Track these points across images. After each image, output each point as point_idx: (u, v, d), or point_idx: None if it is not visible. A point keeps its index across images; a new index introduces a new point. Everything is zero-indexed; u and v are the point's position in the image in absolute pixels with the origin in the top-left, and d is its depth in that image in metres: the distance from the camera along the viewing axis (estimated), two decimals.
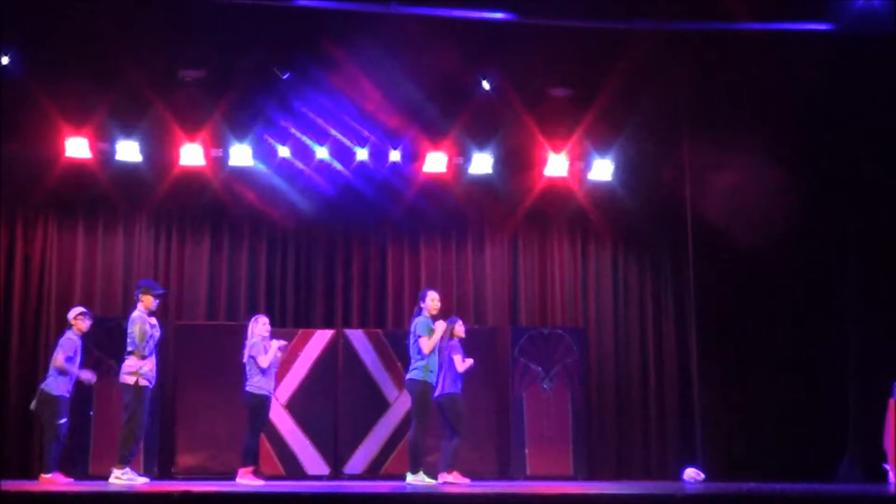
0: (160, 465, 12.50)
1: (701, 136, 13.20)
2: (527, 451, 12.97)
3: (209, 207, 13.67)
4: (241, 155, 13.04)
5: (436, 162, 13.39)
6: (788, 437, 13.30)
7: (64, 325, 13.05)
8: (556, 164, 13.53)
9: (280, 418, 12.65)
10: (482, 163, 13.48)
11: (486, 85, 12.73)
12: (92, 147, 12.84)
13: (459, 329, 11.29)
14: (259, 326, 11.17)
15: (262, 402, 10.97)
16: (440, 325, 10.87)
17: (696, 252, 13.59)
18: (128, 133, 12.86)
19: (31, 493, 8.23)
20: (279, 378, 12.54)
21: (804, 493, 8.23)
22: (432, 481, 10.48)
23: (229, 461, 11.70)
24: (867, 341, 12.82)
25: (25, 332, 13.00)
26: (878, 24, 11.26)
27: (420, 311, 10.97)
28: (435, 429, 11.42)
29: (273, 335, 11.46)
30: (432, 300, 11.00)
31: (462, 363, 11.06)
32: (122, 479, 10.28)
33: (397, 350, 13.07)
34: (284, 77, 12.41)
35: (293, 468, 12.57)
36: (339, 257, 13.93)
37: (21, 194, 13.03)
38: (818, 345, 13.44)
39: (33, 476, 11.78)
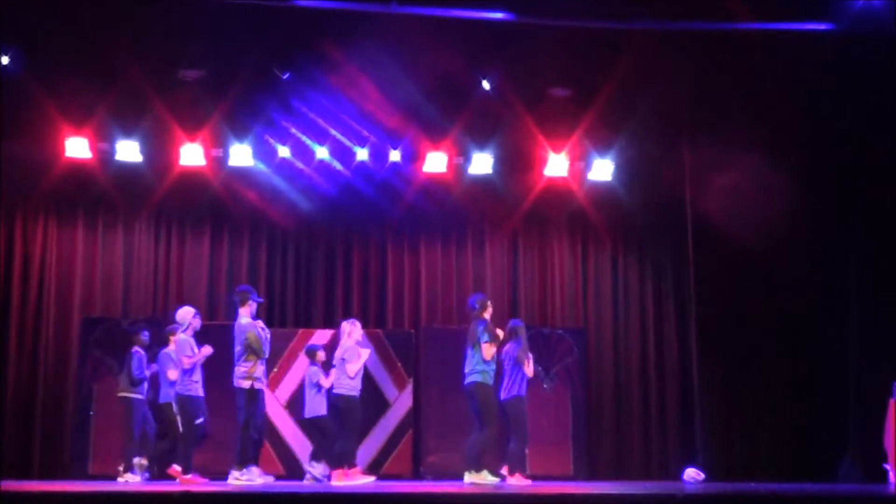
0: (160, 466, 12.48)
1: (701, 136, 13.20)
2: (527, 451, 12.95)
3: (209, 207, 13.68)
4: (241, 155, 13.05)
5: (436, 162, 13.39)
6: (788, 437, 13.31)
7: (62, 325, 13.13)
8: (556, 164, 13.53)
9: (280, 418, 12.66)
10: (482, 163, 13.48)
11: (486, 85, 12.72)
12: (92, 147, 12.85)
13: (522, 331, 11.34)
14: (357, 331, 11.14)
15: (354, 403, 10.93)
16: (501, 333, 10.84)
17: (696, 252, 13.59)
18: (128, 133, 12.87)
19: (31, 493, 8.23)
20: (279, 378, 12.57)
21: (804, 493, 8.22)
22: (495, 479, 10.46)
23: (229, 461, 11.68)
24: (867, 341, 12.81)
25: (25, 332, 13.01)
26: (878, 24, 11.25)
27: (480, 316, 10.82)
28: (435, 427, 11.43)
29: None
30: (485, 304, 10.90)
31: (531, 369, 11.05)
32: (242, 479, 10.33)
33: (397, 350, 13.09)
34: (284, 77, 12.42)
35: (293, 468, 12.56)
36: (339, 257, 13.94)
37: (21, 194, 13.05)
38: (818, 345, 13.44)
39: (32, 476, 11.82)
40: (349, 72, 12.26)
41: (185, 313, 11.24)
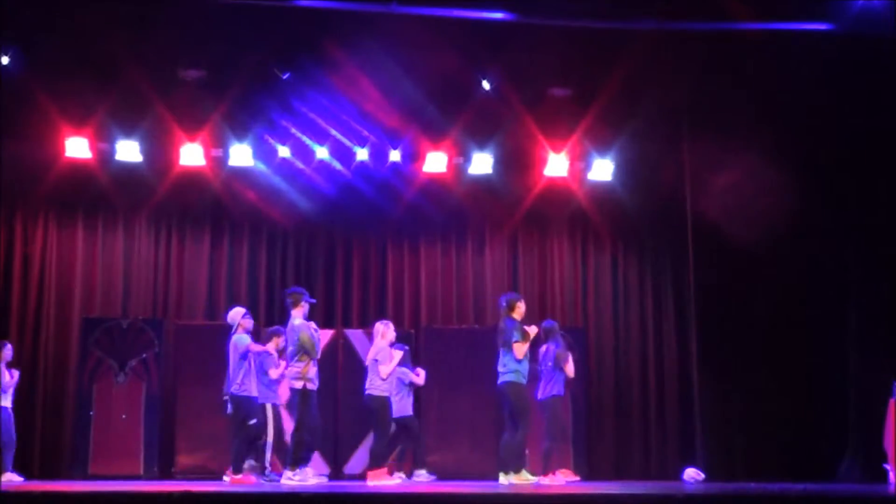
0: (160, 465, 12.50)
1: (701, 136, 13.20)
2: (527, 451, 12.95)
3: (209, 207, 13.68)
4: (241, 155, 13.05)
5: (436, 162, 13.40)
6: (788, 437, 13.29)
7: (62, 325, 13.10)
8: (556, 164, 13.54)
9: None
10: (482, 163, 13.48)
11: (486, 85, 12.72)
12: (92, 147, 12.86)
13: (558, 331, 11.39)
14: (390, 332, 11.13)
15: (385, 404, 10.91)
16: (533, 331, 10.78)
17: (696, 252, 13.59)
18: (128, 133, 12.87)
19: (31, 493, 8.23)
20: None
21: (804, 493, 8.21)
22: (534, 479, 10.44)
23: (229, 461, 11.68)
24: (867, 341, 12.80)
25: (25, 332, 13.01)
26: (878, 24, 11.25)
27: (509, 316, 10.73)
28: (435, 427, 11.41)
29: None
30: (520, 305, 10.82)
31: (571, 369, 11.02)
32: (294, 479, 10.29)
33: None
34: (284, 77, 12.42)
35: None
36: (339, 257, 13.95)
37: (21, 194, 13.05)
38: (818, 345, 13.43)
39: (32, 476, 11.79)
40: (349, 72, 12.26)
41: (235, 314, 11.22)
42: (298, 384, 10.52)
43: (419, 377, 11.69)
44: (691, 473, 12.37)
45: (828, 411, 13.16)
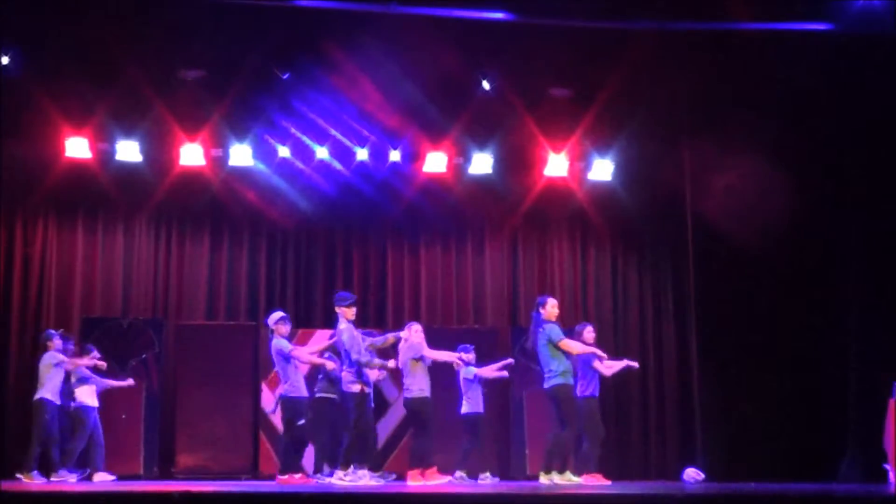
0: (160, 465, 12.50)
1: (701, 136, 13.20)
2: (527, 451, 12.98)
3: (209, 207, 13.69)
4: (241, 155, 13.06)
5: (436, 162, 13.40)
6: (788, 437, 13.30)
7: (62, 325, 13.10)
8: (556, 164, 13.54)
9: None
10: (482, 163, 13.49)
11: (486, 85, 12.72)
12: (92, 147, 12.87)
13: (589, 334, 11.35)
14: (413, 334, 11.06)
15: (423, 405, 10.85)
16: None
17: (696, 252, 13.59)
18: (128, 133, 12.88)
19: (31, 493, 8.23)
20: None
21: (804, 493, 8.21)
22: (578, 480, 10.44)
23: (229, 461, 11.73)
24: (867, 341, 12.80)
25: (25, 332, 13.01)
26: (878, 24, 11.25)
27: (540, 318, 10.68)
28: (435, 427, 11.39)
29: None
30: (553, 307, 10.75)
31: (608, 368, 11.11)
32: (346, 480, 10.17)
33: (397, 350, 13.06)
34: (284, 77, 12.42)
35: None
36: (339, 257, 13.95)
37: (21, 194, 13.05)
38: (818, 345, 13.43)
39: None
40: (349, 72, 12.26)
41: (270, 319, 11.10)
42: (356, 388, 10.40)
43: (502, 371, 11.82)
44: (691, 473, 12.36)
45: (828, 411, 13.16)
